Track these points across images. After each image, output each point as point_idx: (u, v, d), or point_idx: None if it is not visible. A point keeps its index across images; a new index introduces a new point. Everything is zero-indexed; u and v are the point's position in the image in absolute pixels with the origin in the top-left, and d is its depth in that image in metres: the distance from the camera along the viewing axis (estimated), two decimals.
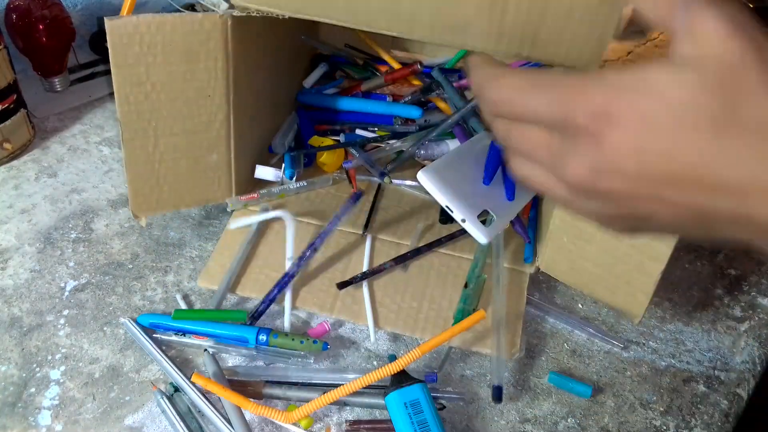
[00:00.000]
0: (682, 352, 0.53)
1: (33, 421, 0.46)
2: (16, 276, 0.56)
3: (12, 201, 0.63)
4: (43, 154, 0.70)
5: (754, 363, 0.53)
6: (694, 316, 0.56)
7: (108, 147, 0.71)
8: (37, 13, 0.71)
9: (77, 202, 0.64)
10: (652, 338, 0.54)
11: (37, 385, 0.48)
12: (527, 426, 0.49)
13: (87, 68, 0.84)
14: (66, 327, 0.52)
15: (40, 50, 0.74)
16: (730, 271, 0.61)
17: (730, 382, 0.52)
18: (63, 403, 0.47)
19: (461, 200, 0.47)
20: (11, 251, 0.58)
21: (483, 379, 0.51)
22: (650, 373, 0.52)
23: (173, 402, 0.46)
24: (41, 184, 0.66)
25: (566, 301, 0.57)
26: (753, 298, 0.58)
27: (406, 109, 0.68)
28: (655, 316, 0.56)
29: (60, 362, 0.49)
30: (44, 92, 0.79)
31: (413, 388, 0.45)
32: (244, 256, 0.56)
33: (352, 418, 0.47)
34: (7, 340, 0.51)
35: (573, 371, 0.52)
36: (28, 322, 0.52)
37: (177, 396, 0.47)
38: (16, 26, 0.72)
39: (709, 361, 0.53)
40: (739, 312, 0.57)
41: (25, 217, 0.62)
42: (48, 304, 0.54)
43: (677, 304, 0.57)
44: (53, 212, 0.62)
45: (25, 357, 0.50)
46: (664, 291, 0.58)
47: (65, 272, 0.56)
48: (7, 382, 0.48)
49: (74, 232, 0.60)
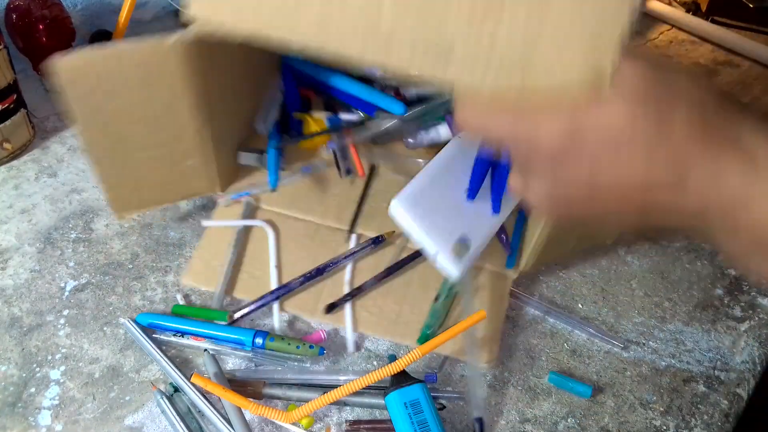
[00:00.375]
0: (682, 352, 0.53)
1: (33, 421, 0.46)
2: (16, 276, 0.56)
3: (12, 201, 0.63)
4: (43, 154, 0.70)
5: (754, 363, 0.53)
6: (694, 316, 0.56)
7: None
8: (37, 13, 0.72)
9: (77, 202, 0.64)
10: (652, 338, 0.54)
11: (37, 385, 0.48)
12: (527, 426, 0.49)
13: None
14: (66, 327, 0.52)
15: (40, 50, 0.74)
16: (730, 271, 0.61)
17: (730, 382, 0.52)
18: (63, 403, 0.47)
19: (436, 229, 0.45)
20: (11, 251, 0.58)
21: (483, 379, 0.51)
22: (650, 373, 0.52)
23: (173, 402, 0.46)
24: (41, 184, 0.66)
25: (566, 301, 0.57)
26: (753, 298, 0.58)
27: (389, 103, 0.65)
28: (655, 316, 0.56)
29: (60, 362, 0.49)
30: (44, 92, 0.79)
31: (413, 388, 0.45)
32: (234, 257, 0.56)
33: (352, 418, 0.47)
34: (7, 340, 0.51)
35: (573, 371, 0.52)
36: (28, 322, 0.52)
37: (177, 396, 0.47)
38: (16, 26, 0.72)
39: (709, 361, 0.53)
40: (739, 312, 0.57)
41: (25, 217, 0.62)
42: (48, 304, 0.54)
43: (677, 304, 0.57)
44: (53, 212, 0.62)
45: (25, 357, 0.50)
46: (664, 291, 0.58)
47: (65, 272, 0.56)
48: (7, 382, 0.48)
49: (74, 232, 0.60)
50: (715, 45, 1.00)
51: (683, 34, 1.03)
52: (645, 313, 0.56)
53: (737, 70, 0.94)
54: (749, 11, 1.06)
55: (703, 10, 1.07)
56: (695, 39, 1.02)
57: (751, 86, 0.90)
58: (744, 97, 0.87)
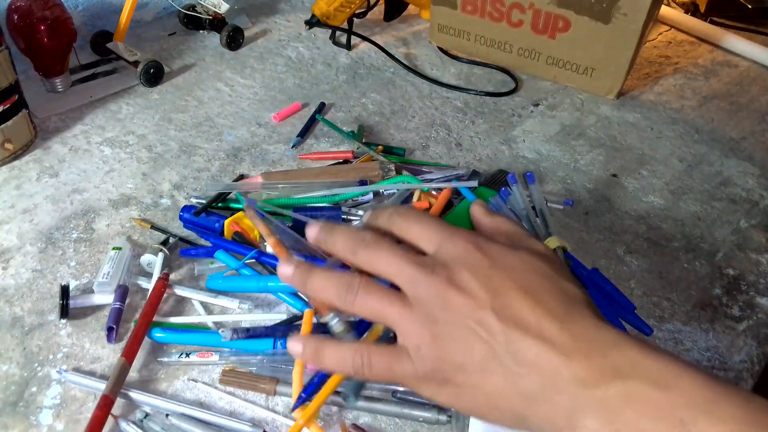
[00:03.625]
0: (680, 352, 0.54)
1: (34, 420, 0.46)
2: (18, 276, 0.56)
3: (14, 201, 0.64)
4: (45, 154, 0.70)
5: (753, 362, 0.53)
6: (693, 316, 0.56)
7: (109, 147, 0.72)
8: (39, 14, 0.72)
9: (78, 202, 0.64)
10: (651, 338, 0.54)
11: (39, 384, 0.48)
12: None
13: (88, 69, 0.84)
14: (67, 326, 0.52)
15: (42, 51, 0.74)
16: (729, 270, 0.61)
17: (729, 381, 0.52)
18: (64, 402, 0.47)
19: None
20: (13, 251, 0.58)
21: None
22: None
23: (142, 427, 0.45)
24: (43, 184, 0.66)
25: None
26: (751, 297, 0.59)
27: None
28: (653, 316, 0.56)
29: (61, 361, 0.50)
30: (46, 92, 0.79)
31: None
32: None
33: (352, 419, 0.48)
34: (9, 340, 0.51)
35: None
36: (30, 322, 0.52)
37: (147, 421, 0.46)
38: (17, 27, 0.72)
39: (708, 361, 0.53)
40: (738, 311, 0.57)
41: (26, 217, 0.62)
42: (49, 303, 0.54)
43: (675, 303, 0.57)
44: (55, 212, 0.63)
45: (27, 356, 0.50)
46: (663, 290, 0.58)
47: (67, 272, 0.57)
48: (9, 382, 0.48)
49: (75, 232, 0.61)
50: (713, 45, 1.00)
51: (682, 34, 1.03)
52: (643, 313, 0.56)
53: (735, 71, 0.94)
54: (747, 12, 1.06)
55: (701, 11, 1.07)
56: (694, 39, 1.02)
57: (749, 86, 0.90)
58: (742, 98, 0.88)
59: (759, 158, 0.76)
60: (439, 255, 0.34)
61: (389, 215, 0.37)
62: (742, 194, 0.70)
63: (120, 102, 0.80)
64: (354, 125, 0.77)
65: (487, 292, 0.32)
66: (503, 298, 0.32)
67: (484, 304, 0.31)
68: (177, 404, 0.46)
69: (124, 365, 0.47)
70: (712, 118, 0.83)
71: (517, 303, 0.31)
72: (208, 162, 0.70)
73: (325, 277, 0.36)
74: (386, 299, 0.34)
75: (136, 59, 0.81)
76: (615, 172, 0.73)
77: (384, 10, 1.00)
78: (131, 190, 0.66)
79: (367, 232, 0.36)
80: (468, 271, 0.32)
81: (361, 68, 0.90)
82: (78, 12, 0.88)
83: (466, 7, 0.88)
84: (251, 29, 0.98)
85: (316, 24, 0.92)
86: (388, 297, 0.34)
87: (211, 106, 0.80)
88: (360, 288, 0.34)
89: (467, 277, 0.32)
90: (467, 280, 0.32)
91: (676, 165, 0.74)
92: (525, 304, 0.31)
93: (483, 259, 0.33)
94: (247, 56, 0.91)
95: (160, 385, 0.48)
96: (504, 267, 0.33)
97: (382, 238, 0.36)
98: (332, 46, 0.95)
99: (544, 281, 0.33)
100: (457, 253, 0.33)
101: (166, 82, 0.84)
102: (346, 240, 0.36)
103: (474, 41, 0.91)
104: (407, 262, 0.34)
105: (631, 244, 0.63)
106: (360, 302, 0.34)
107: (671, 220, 0.66)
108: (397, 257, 0.34)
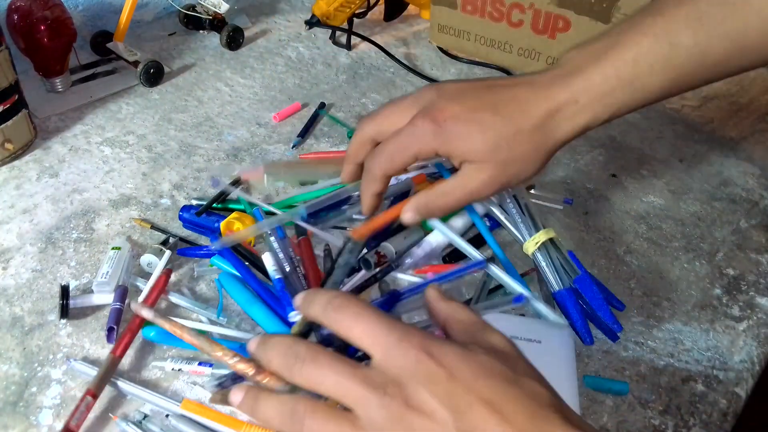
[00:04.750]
0: (680, 352, 0.54)
1: (34, 420, 0.46)
2: (18, 276, 0.56)
3: (13, 201, 0.64)
4: (45, 154, 0.70)
5: (753, 362, 0.53)
6: (693, 316, 0.56)
7: (109, 147, 0.72)
8: (39, 14, 0.72)
9: (78, 202, 0.64)
10: (651, 338, 0.54)
11: (39, 384, 0.48)
12: None
13: (88, 69, 0.84)
14: (67, 326, 0.52)
15: (42, 51, 0.74)
16: (729, 270, 0.61)
17: (729, 381, 0.52)
18: (64, 402, 0.47)
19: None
20: (13, 251, 0.58)
21: None
22: (649, 372, 0.52)
23: (141, 427, 0.45)
24: (43, 184, 0.66)
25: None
26: (751, 297, 0.59)
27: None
28: (653, 316, 0.56)
29: (61, 361, 0.50)
30: (46, 92, 0.79)
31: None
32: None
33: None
34: (9, 340, 0.51)
35: None
36: (30, 322, 0.52)
37: (145, 421, 0.46)
38: (17, 27, 0.72)
39: (708, 361, 0.53)
40: (738, 311, 0.57)
41: (26, 216, 0.62)
42: (49, 303, 0.54)
43: (676, 303, 0.57)
44: (54, 212, 0.63)
45: (27, 356, 0.50)
46: (663, 291, 0.58)
47: (66, 272, 0.57)
48: (9, 382, 0.48)
49: (75, 231, 0.61)
50: None
51: None
52: (644, 313, 0.56)
53: None
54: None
55: None
56: None
57: (749, 86, 0.90)
58: (742, 98, 0.88)
59: (759, 158, 0.76)
60: (388, 366, 0.31)
61: (323, 307, 0.34)
62: (742, 194, 0.70)
63: (120, 102, 0.80)
64: (354, 125, 0.77)
65: (449, 412, 0.29)
66: (467, 418, 0.29)
67: (447, 425, 0.29)
68: (177, 404, 0.46)
69: (112, 360, 0.47)
70: (712, 118, 0.83)
71: (482, 422, 0.29)
72: (208, 162, 0.70)
73: (269, 406, 0.33)
74: (334, 424, 0.31)
75: (136, 59, 0.81)
76: (615, 172, 0.73)
77: (384, 10, 1.00)
78: (131, 190, 0.66)
79: (301, 345, 0.33)
80: (424, 387, 0.30)
81: (361, 68, 0.90)
82: (78, 12, 0.88)
83: (466, 7, 0.88)
84: (251, 29, 0.98)
85: (316, 24, 0.92)
86: (336, 421, 0.31)
87: (211, 106, 0.80)
88: (306, 416, 0.31)
89: (425, 396, 0.30)
90: (426, 400, 0.29)
91: (676, 165, 0.74)
92: (491, 421, 0.29)
93: (438, 370, 0.30)
94: (247, 56, 0.91)
95: (160, 385, 0.48)
96: (463, 377, 0.30)
97: (317, 350, 0.32)
98: (332, 46, 0.95)
99: (507, 387, 0.30)
100: (408, 365, 0.30)
101: (166, 82, 0.84)
102: (280, 358, 0.33)
103: (474, 41, 0.91)
104: (353, 381, 0.30)
105: (631, 244, 0.63)
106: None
107: (671, 220, 0.66)
108: (341, 376, 0.31)
